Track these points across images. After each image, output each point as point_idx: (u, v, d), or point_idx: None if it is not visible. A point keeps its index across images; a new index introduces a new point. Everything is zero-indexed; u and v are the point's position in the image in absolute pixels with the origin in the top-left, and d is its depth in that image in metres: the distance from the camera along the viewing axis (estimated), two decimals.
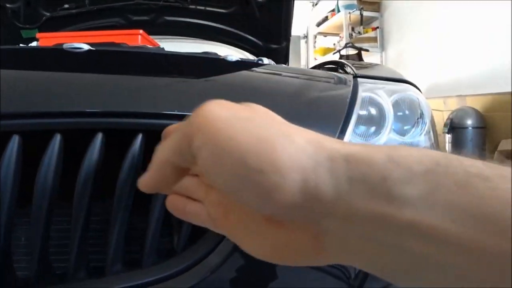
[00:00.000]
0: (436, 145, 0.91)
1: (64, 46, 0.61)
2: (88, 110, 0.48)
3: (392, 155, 0.22)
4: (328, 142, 0.23)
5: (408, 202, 0.20)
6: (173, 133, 0.27)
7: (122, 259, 0.50)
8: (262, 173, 0.22)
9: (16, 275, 0.50)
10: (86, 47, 0.61)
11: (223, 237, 0.51)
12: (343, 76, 0.82)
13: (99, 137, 0.48)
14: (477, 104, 3.08)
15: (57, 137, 0.47)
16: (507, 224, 0.18)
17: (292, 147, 0.22)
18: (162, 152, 0.27)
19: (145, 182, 0.28)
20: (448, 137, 3.03)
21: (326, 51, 5.71)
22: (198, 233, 0.53)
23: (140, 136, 0.49)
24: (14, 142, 0.46)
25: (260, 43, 1.93)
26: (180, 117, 0.51)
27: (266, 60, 0.91)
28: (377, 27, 4.77)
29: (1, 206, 0.46)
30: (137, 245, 0.55)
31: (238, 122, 0.23)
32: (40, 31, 1.68)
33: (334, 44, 5.70)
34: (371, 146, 0.23)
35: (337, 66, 0.99)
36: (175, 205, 0.32)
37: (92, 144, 0.47)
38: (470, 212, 0.19)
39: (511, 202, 0.18)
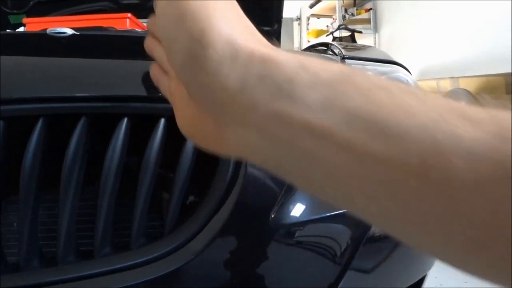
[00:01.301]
0: None
1: (48, 31, 0.60)
2: (71, 95, 0.48)
3: (303, 61, 0.23)
4: (256, 39, 0.25)
5: (308, 104, 0.21)
6: None
7: (111, 243, 0.51)
8: (191, 36, 0.24)
9: (6, 260, 0.51)
10: (70, 31, 0.61)
11: (209, 220, 0.52)
12: (329, 57, 0.82)
13: (83, 121, 0.48)
14: (470, 85, 3.09)
15: (41, 122, 0.47)
16: (398, 131, 0.19)
17: (225, 26, 0.24)
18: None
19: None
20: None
21: (319, 33, 5.67)
22: (185, 216, 0.53)
23: (125, 120, 0.49)
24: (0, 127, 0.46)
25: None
26: (163, 100, 0.51)
27: None
28: (370, 9, 4.74)
29: None
30: (125, 229, 0.56)
31: None
32: (28, 16, 1.66)
33: (327, 26, 5.66)
34: (288, 52, 0.24)
35: (326, 48, 0.99)
36: (154, 75, 0.35)
37: (76, 129, 0.48)
38: (364, 117, 0.20)
39: (408, 111, 0.19)
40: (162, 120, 0.50)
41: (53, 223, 0.57)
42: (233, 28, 0.24)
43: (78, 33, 0.63)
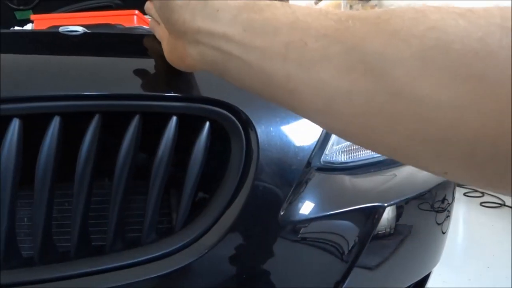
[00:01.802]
0: None
1: (60, 29, 0.61)
2: (86, 93, 0.48)
3: None
4: None
5: (222, 21, 0.34)
6: None
7: (123, 238, 0.52)
8: None
9: (20, 254, 0.52)
10: (81, 30, 0.62)
11: (220, 216, 0.53)
12: None
13: (97, 119, 0.48)
14: None
15: (57, 120, 0.48)
16: (273, 29, 0.29)
17: None
18: None
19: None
20: None
21: None
22: (196, 212, 0.54)
23: (137, 118, 0.50)
24: (15, 125, 0.47)
25: None
26: (174, 99, 0.52)
27: None
28: (376, 5, 4.72)
29: (3, 189, 0.47)
30: (137, 225, 0.56)
31: None
32: (35, 12, 1.66)
33: None
34: None
35: None
36: (151, 26, 0.55)
37: (90, 126, 0.48)
38: (256, 24, 0.31)
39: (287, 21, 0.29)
40: (174, 118, 0.51)
41: (63, 218, 0.58)
42: None
43: (89, 31, 0.64)
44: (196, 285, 0.52)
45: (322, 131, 0.59)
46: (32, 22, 1.36)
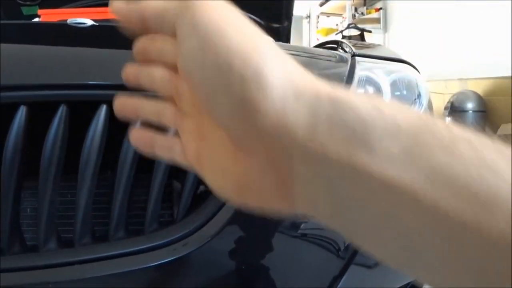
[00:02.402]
0: None
1: (68, 21, 0.62)
2: (90, 83, 0.50)
3: (377, 102, 0.20)
4: (315, 80, 0.22)
5: (388, 156, 0.18)
6: None
7: (125, 227, 0.53)
8: (243, 78, 0.20)
9: (24, 241, 0.53)
10: (89, 22, 0.63)
11: (221, 207, 0.53)
12: (341, 54, 0.83)
13: (104, 109, 0.49)
14: (478, 87, 3.08)
15: (63, 109, 0.49)
16: (487, 195, 0.16)
17: (280, 66, 0.21)
18: (147, 5, 0.25)
19: (116, 7, 0.26)
20: (448, 120, 3.05)
21: (329, 31, 5.67)
22: (197, 203, 0.55)
23: None
24: (22, 113, 0.48)
25: (261, 22, 1.92)
26: None
27: None
28: (381, 8, 4.73)
29: (8, 179, 0.48)
30: (139, 215, 0.57)
31: (236, 20, 0.22)
32: (41, 7, 1.67)
33: (336, 25, 5.65)
34: (357, 93, 0.22)
35: (336, 45, 1.00)
36: (142, 140, 0.28)
37: (96, 116, 0.49)
38: (449, 176, 0.17)
39: (502, 177, 0.17)
40: None
41: (66, 209, 0.59)
42: (288, 66, 0.21)
43: (97, 24, 0.65)
44: (196, 274, 0.53)
45: None
46: (39, 17, 1.37)
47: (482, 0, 3.16)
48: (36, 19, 1.59)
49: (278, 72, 0.21)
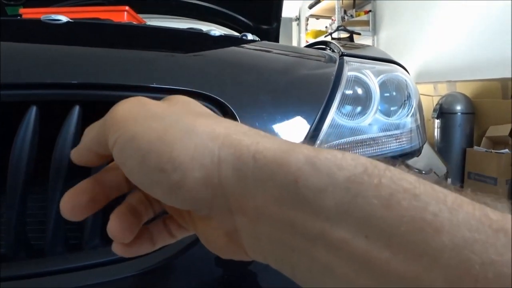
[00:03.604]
0: (422, 127, 0.92)
1: (42, 18, 0.59)
2: (64, 82, 0.47)
3: (312, 156, 0.20)
4: (237, 136, 0.23)
5: (321, 211, 0.19)
6: (96, 123, 0.27)
7: (100, 234, 0.50)
8: (163, 171, 0.22)
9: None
10: (64, 19, 0.60)
11: None
12: (329, 54, 0.81)
13: (76, 109, 0.47)
14: (467, 90, 3.09)
15: (33, 110, 0.46)
16: (425, 250, 0.16)
17: (192, 144, 0.22)
18: (86, 139, 0.28)
19: (74, 158, 0.29)
20: (437, 122, 3.05)
21: (318, 33, 5.67)
22: None
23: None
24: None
25: (250, 23, 1.91)
26: (155, 90, 0.50)
27: (250, 36, 0.90)
28: (370, 11, 4.74)
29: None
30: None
31: (145, 121, 0.24)
32: (26, 7, 1.64)
33: (326, 27, 5.66)
34: (293, 145, 0.22)
35: (326, 46, 0.98)
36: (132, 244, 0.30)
37: (69, 117, 0.46)
38: (385, 229, 0.17)
39: (441, 229, 0.17)
40: None
41: (44, 215, 0.56)
42: (203, 136, 0.23)
43: (72, 20, 0.62)
44: (177, 282, 0.50)
45: (310, 128, 0.58)
46: (21, 16, 1.33)
47: (472, 1, 3.18)
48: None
49: (190, 151, 0.22)
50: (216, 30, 0.76)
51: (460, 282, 0.16)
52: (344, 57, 0.77)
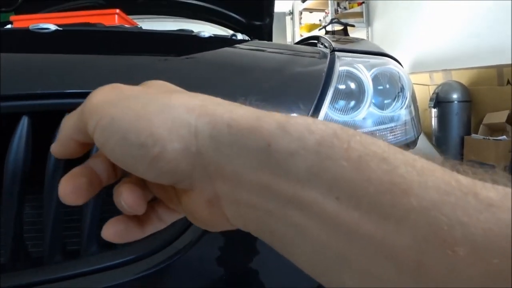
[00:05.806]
0: (417, 119, 0.92)
1: (30, 27, 0.59)
2: (55, 91, 0.47)
3: (283, 122, 0.21)
4: (213, 106, 0.24)
5: (293, 174, 0.19)
6: (74, 112, 0.28)
7: (97, 241, 0.50)
8: (143, 146, 0.23)
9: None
10: (53, 27, 0.60)
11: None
12: (320, 50, 0.81)
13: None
14: (463, 78, 3.10)
15: (25, 120, 0.46)
16: (392, 212, 0.17)
17: (170, 117, 0.23)
18: (65, 128, 0.29)
19: (56, 151, 0.30)
20: (434, 111, 3.06)
21: (312, 27, 5.66)
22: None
23: None
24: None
25: (243, 20, 1.90)
26: None
27: (240, 36, 0.90)
28: (363, 2, 4.73)
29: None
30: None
31: (122, 102, 0.25)
32: (17, 14, 1.63)
33: (320, 20, 5.65)
34: (266, 112, 0.22)
35: (317, 41, 0.98)
36: (123, 234, 0.30)
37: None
38: (355, 193, 0.18)
39: (406, 189, 0.17)
40: None
41: (41, 223, 0.56)
42: (179, 109, 0.23)
43: (61, 28, 0.62)
44: (178, 284, 0.51)
45: None
46: (11, 23, 1.33)
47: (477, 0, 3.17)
48: (9, 26, 1.55)
49: (168, 124, 0.23)
50: (206, 32, 0.76)
51: (427, 242, 0.16)
52: (336, 52, 0.77)
